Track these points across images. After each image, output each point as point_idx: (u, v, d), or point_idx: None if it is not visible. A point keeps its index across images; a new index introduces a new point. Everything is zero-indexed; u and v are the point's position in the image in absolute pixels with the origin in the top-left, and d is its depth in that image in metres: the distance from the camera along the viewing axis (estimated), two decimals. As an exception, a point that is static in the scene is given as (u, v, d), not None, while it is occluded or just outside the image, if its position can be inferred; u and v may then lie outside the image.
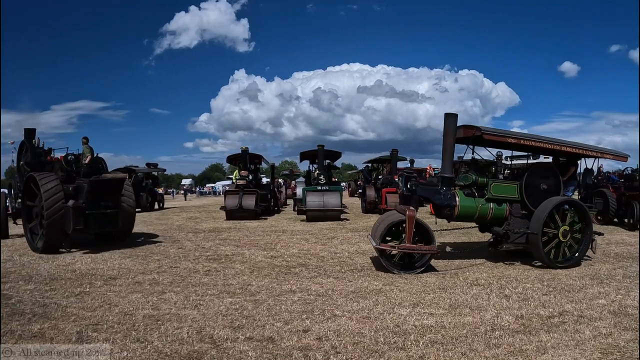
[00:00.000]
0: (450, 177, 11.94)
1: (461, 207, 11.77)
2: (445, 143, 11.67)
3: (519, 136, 12.32)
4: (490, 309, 7.95)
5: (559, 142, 12.75)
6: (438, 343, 6.35)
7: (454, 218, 12.15)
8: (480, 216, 12.05)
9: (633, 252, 13.97)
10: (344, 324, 7.03)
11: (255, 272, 10.60)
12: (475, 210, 11.86)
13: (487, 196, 11.96)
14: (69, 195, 13.32)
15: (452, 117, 11.65)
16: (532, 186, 12.07)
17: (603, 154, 13.39)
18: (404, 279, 10.06)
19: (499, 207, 11.99)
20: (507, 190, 12.11)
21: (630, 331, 6.99)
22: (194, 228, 20.10)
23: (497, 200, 11.99)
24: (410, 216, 10.62)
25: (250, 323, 6.99)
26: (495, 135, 11.87)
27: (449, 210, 11.82)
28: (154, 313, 7.41)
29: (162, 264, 11.43)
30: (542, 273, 10.86)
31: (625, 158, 13.85)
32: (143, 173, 35.05)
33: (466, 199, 11.88)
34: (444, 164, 11.96)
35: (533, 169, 12.43)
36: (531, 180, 12.11)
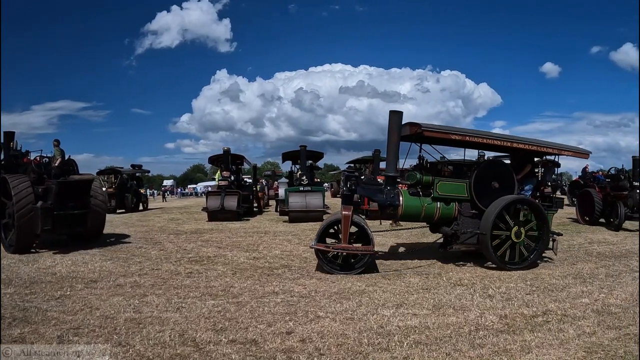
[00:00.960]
0: (394, 176, 11.82)
1: (405, 207, 11.66)
2: (389, 141, 11.58)
3: (464, 133, 12.05)
4: (474, 309, 7.98)
5: (509, 138, 12.50)
6: (422, 344, 6.36)
7: (399, 218, 12.06)
8: (427, 216, 11.95)
9: (615, 251, 14.14)
10: (327, 325, 7.03)
11: (237, 273, 10.57)
12: (421, 209, 11.74)
13: (433, 195, 11.79)
14: (39, 196, 13.34)
15: (397, 115, 11.53)
16: (482, 184, 11.88)
17: (561, 150, 13.13)
18: (387, 279, 10.09)
19: (447, 206, 11.86)
20: (455, 189, 11.94)
21: (614, 330, 7.05)
22: (175, 229, 20.00)
23: (445, 199, 11.83)
24: (345, 216, 10.56)
25: (233, 325, 6.96)
26: (437, 132, 11.65)
27: (392, 209, 11.66)
28: (135, 316, 7.36)
29: (144, 266, 11.36)
30: (525, 273, 10.93)
31: (587, 155, 13.71)
32: (127, 174, 34.99)
33: (411, 198, 11.78)
34: (389, 162, 11.87)
35: (482, 167, 12.28)
36: (481, 178, 11.92)
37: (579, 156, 13.61)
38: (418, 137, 11.91)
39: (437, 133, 11.62)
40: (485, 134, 12.39)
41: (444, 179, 12.06)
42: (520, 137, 12.88)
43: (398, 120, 11.53)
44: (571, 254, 13.69)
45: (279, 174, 38.54)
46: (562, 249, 14.39)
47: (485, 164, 12.56)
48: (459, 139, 11.91)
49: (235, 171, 28.10)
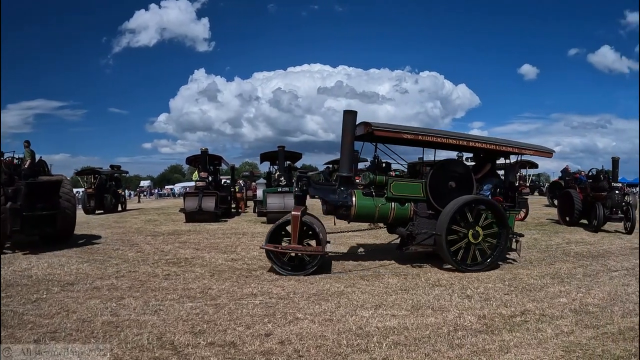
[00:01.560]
0: (348, 176, 11.74)
1: (358, 207, 11.58)
2: (343, 141, 11.52)
3: (416, 132, 11.88)
4: (452, 309, 8.01)
5: (465, 137, 12.37)
6: (401, 344, 6.37)
7: (352, 218, 11.91)
8: (381, 216, 11.86)
9: (592, 251, 14.31)
10: (306, 327, 7.01)
11: (215, 275, 10.51)
12: (374, 210, 11.64)
13: (387, 195, 11.69)
14: (9, 197, 13.24)
15: (351, 115, 11.49)
16: (439, 184, 11.78)
17: (522, 149, 12.92)
18: (365, 280, 10.09)
19: (402, 206, 11.77)
20: (411, 189, 11.83)
21: (592, 329, 7.13)
22: (152, 231, 19.88)
23: (400, 199, 11.74)
24: (294, 217, 10.55)
25: (212, 328, 6.92)
26: (388, 131, 11.49)
27: (344, 210, 11.64)
28: (112, 319, 7.28)
29: (121, 268, 11.26)
30: (504, 273, 11.00)
31: (550, 154, 13.44)
32: (106, 175, 34.84)
33: (364, 198, 11.68)
34: (342, 162, 11.82)
35: (439, 166, 12.16)
36: (437, 178, 11.82)
37: (542, 155, 13.43)
38: (372, 137, 11.79)
39: (388, 132, 11.48)
40: (439, 132, 12.23)
41: (398, 179, 12.05)
42: (480, 136, 12.91)
43: (352, 120, 11.48)
44: (549, 254, 13.79)
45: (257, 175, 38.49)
46: (540, 249, 14.59)
47: (442, 164, 12.39)
48: (412, 138, 11.76)
49: (213, 172, 27.99)
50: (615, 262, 12.60)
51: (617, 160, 20.44)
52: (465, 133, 12.74)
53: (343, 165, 11.82)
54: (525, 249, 14.46)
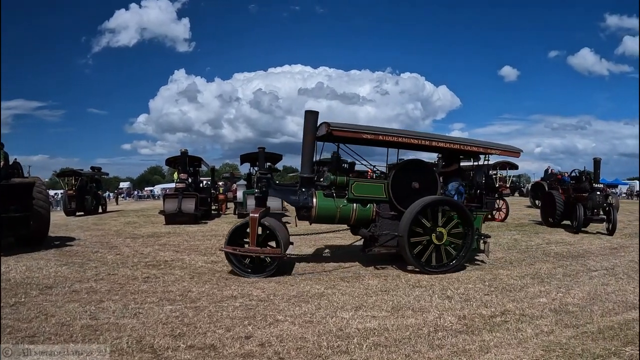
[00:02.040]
0: (309, 177, 11.70)
1: (319, 208, 11.54)
2: (304, 141, 11.48)
3: (376, 132, 11.66)
4: (432, 310, 8.02)
5: (428, 137, 12.17)
6: (381, 345, 6.36)
7: (313, 220, 11.85)
8: (342, 218, 11.78)
9: (572, 252, 14.45)
10: (286, 329, 6.99)
11: (195, 278, 10.46)
12: (335, 211, 11.58)
13: (348, 196, 11.61)
14: None
15: (312, 115, 11.42)
16: (401, 185, 11.66)
17: (487, 149, 12.78)
18: (345, 282, 10.09)
19: (364, 207, 11.71)
20: (372, 190, 11.75)
21: (572, 328, 7.18)
22: (132, 233, 19.74)
23: (362, 200, 11.68)
24: (252, 218, 10.52)
25: (191, 331, 6.86)
26: (347, 131, 11.34)
27: (305, 211, 11.60)
28: (92, 323, 7.21)
29: (100, 271, 11.16)
30: (484, 274, 11.05)
31: (517, 153, 13.29)
32: (87, 176, 34.67)
33: (325, 199, 11.63)
34: (303, 163, 11.70)
35: (401, 167, 12.03)
36: (399, 178, 11.70)
37: (509, 155, 13.41)
38: (334, 137, 11.67)
39: (347, 132, 11.34)
40: (401, 132, 12.04)
41: (360, 180, 11.95)
42: (445, 135, 12.74)
43: (313, 120, 11.42)
44: (529, 255, 13.88)
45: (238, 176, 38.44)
46: (520, 250, 14.68)
47: (404, 164, 12.28)
48: (372, 138, 11.59)
49: (192, 173, 27.88)
50: (594, 262, 12.68)
51: (599, 161, 20.24)
52: (430, 133, 12.67)
53: (304, 166, 11.72)
54: (505, 250, 14.63)
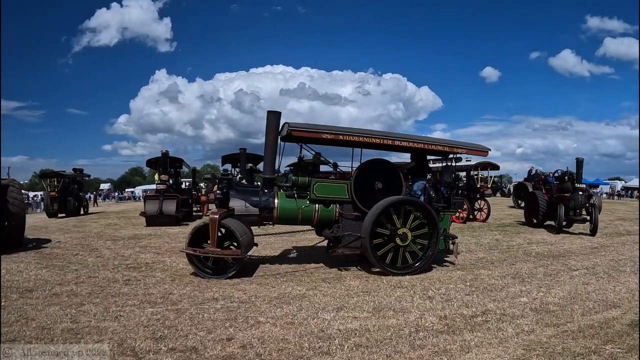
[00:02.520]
0: (271, 178, 11.72)
1: (280, 209, 11.54)
2: (266, 142, 11.48)
3: (336, 131, 11.55)
4: (414, 310, 8.06)
5: (391, 136, 12.06)
6: (363, 346, 6.39)
7: (275, 221, 11.83)
8: (305, 219, 11.75)
9: (553, 251, 14.55)
10: (268, 330, 6.99)
11: (176, 280, 10.41)
12: (297, 212, 11.56)
13: (310, 197, 11.58)
14: None
15: (274, 115, 11.41)
16: (364, 185, 11.60)
17: (453, 148, 12.72)
18: (327, 283, 10.11)
19: (327, 208, 11.67)
20: (335, 191, 11.69)
21: (552, 327, 7.26)
22: (112, 235, 19.59)
23: (324, 201, 11.64)
24: (212, 219, 10.44)
25: (173, 333, 6.85)
26: (305, 132, 11.28)
27: (267, 212, 11.58)
28: (72, 326, 7.16)
29: (80, 274, 11.08)
30: (465, 274, 11.09)
31: (485, 152, 13.21)
32: (69, 178, 34.49)
33: (286, 200, 11.63)
34: (266, 164, 11.72)
35: (363, 167, 11.90)
36: (362, 178, 11.62)
37: (476, 154, 13.29)
38: (296, 138, 11.60)
39: (305, 132, 11.27)
40: (362, 132, 11.85)
41: (322, 180, 11.94)
42: (409, 134, 12.65)
43: (275, 121, 11.41)
44: (510, 255, 13.95)
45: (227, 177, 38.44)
46: (501, 250, 14.75)
47: (367, 164, 12.08)
48: (332, 137, 11.44)
49: (174, 174, 27.73)
50: (575, 262, 12.78)
51: (582, 162, 20.26)
52: (396, 132, 12.51)
53: (266, 167, 11.74)
54: (486, 250, 14.69)
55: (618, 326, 7.38)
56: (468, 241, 16.94)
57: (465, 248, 15.12)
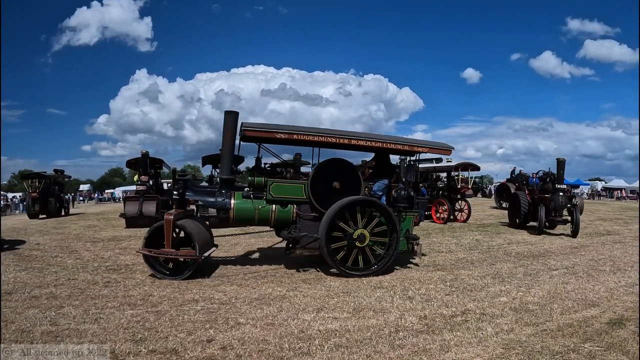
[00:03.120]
0: (228, 179, 11.65)
1: (236, 210, 11.47)
2: (223, 142, 11.43)
3: (290, 131, 11.51)
4: (394, 310, 8.10)
5: (347, 135, 11.86)
6: (343, 347, 6.41)
7: (232, 221, 11.76)
8: (261, 219, 11.64)
9: (533, 251, 14.68)
10: (248, 331, 6.99)
11: (156, 282, 10.34)
12: (254, 212, 11.47)
13: (266, 197, 11.47)
14: None
15: (231, 115, 11.34)
16: (321, 185, 11.45)
17: (414, 147, 12.43)
18: (307, 284, 10.14)
19: (284, 209, 11.57)
20: (292, 191, 11.56)
21: (531, 326, 7.33)
22: (92, 237, 19.44)
23: (281, 201, 11.55)
24: (166, 220, 10.47)
25: (153, 335, 6.82)
26: (259, 131, 11.25)
27: (224, 213, 11.53)
28: (52, 329, 7.11)
29: (60, 276, 11.00)
30: (445, 274, 11.14)
31: (448, 151, 12.95)
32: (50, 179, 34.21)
33: (243, 201, 11.55)
34: (223, 164, 11.66)
35: (320, 166, 11.77)
36: (320, 178, 11.48)
37: (438, 152, 13.29)
38: (253, 138, 11.59)
39: (259, 132, 11.24)
40: (317, 131, 11.84)
41: (279, 180, 11.84)
42: (368, 133, 12.52)
43: (232, 121, 11.34)
44: (490, 255, 14.03)
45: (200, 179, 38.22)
46: (481, 250, 14.82)
47: (325, 163, 11.84)
48: (286, 137, 11.41)
49: (154, 175, 27.56)
50: (555, 261, 12.88)
51: (563, 162, 20.02)
52: (352, 131, 12.24)
53: (223, 168, 11.66)
54: (467, 250, 14.76)
55: (597, 325, 7.46)
56: (448, 242, 17.03)
57: (446, 249, 15.21)
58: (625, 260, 13.46)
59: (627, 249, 15.88)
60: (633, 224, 25.09)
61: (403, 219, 12.00)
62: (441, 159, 28.31)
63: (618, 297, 9.27)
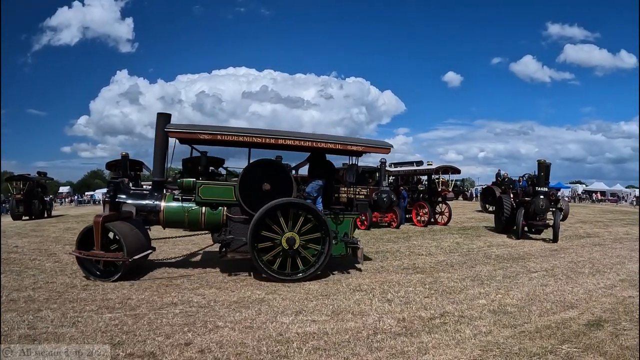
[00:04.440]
0: (159, 181, 11.68)
1: (166, 212, 11.49)
2: (155, 144, 11.45)
3: (214, 131, 11.27)
4: (372, 313, 8.12)
5: (274, 135, 11.49)
6: (321, 349, 6.42)
7: (163, 224, 11.80)
8: (191, 222, 11.61)
9: (513, 254, 14.77)
10: (226, 334, 6.98)
11: (135, 285, 10.29)
12: (183, 215, 11.46)
13: (196, 199, 11.38)
14: None
15: (162, 117, 11.38)
16: (250, 187, 11.20)
17: (348, 145, 11.80)
18: (286, 287, 10.13)
19: (214, 211, 11.47)
20: (222, 193, 11.42)
21: (509, 328, 7.39)
22: (71, 240, 19.12)
23: (211, 203, 11.49)
24: (95, 222, 10.45)
25: (131, 339, 6.79)
26: (182, 133, 11.15)
27: (154, 215, 11.57)
28: (30, 333, 7.05)
29: (38, 279, 10.91)
30: (425, 277, 11.19)
31: (387, 150, 12.28)
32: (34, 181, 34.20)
33: (173, 203, 11.56)
34: (154, 166, 11.65)
35: (249, 167, 11.53)
36: (249, 180, 11.24)
37: (375, 151, 12.54)
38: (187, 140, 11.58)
39: (181, 134, 11.16)
40: (241, 131, 11.56)
41: (208, 182, 11.69)
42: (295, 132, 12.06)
43: (164, 123, 11.28)
44: (470, 257, 14.08)
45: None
46: (461, 253, 14.88)
47: (254, 164, 11.66)
48: (209, 138, 11.17)
49: (134, 178, 27.43)
50: (534, 264, 12.97)
51: (544, 164, 19.63)
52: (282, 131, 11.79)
53: (155, 170, 11.66)
54: (446, 253, 14.82)
55: (575, 326, 7.53)
56: (429, 244, 17.10)
57: (426, 251, 15.26)
58: (604, 262, 13.58)
59: (606, 251, 16.02)
60: (613, 226, 25.31)
61: (340, 221, 11.76)
62: (421, 161, 28.38)
63: (596, 299, 9.36)
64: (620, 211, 41.30)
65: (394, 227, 23.20)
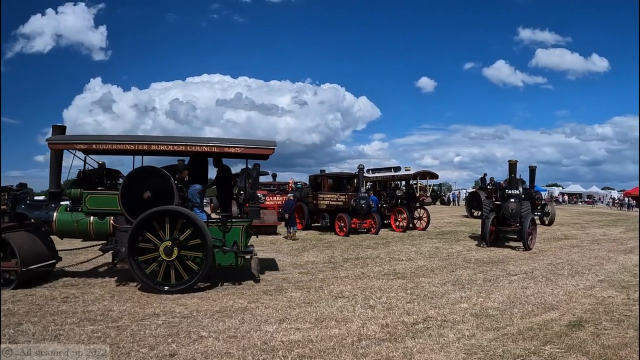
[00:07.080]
0: (54, 192, 11.72)
1: (57, 223, 11.51)
2: (51, 156, 11.57)
3: (89, 140, 11.27)
4: (356, 320, 8.13)
5: (145, 140, 11.58)
6: (306, 357, 6.44)
7: (58, 234, 11.76)
8: (82, 232, 11.63)
9: (492, 257, 14.86)
10: (210, 345, 6.95)
11: (116, 296, 10.21)
12: (73, 225, 11.45)
13: (83, 209, 11.21)
14: None
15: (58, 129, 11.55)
16: (132, 195, 10.94)
17: (224, 148, 11.41)
18: (269, 295, 10.11)
19: (101, 221, 11.51)
20: (107, 202, 11.18)
21: (492, 331, 7.45)
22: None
23: (98, 213, 11.38)
24: None
25: (115, 351, 6.71)
26: (59, 144, 11.21)
27: (47, 226, 11.50)
28: (11, 347, 6.98)
29: (17, 292, 10.70)
30: (406, 282, 11.20)
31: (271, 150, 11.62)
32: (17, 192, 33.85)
33: (64, 214, 11.54)
34: (50, 178, 11.73)
35: (130, 175, 11.26)
36: (130, 188, 11.02)
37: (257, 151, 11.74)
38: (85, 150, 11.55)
39: (59, 145, 11.19)
40: (114, 139, 11.61)
41: (94, 192, 11.45)
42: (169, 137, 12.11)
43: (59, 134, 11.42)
44: (450, 262, 14.12)
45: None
46: (441, 257, 14.92)
47: (135, 172, 11.33)
48: (85, 147, 11.19)
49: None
50: (514, 267, 13.06)
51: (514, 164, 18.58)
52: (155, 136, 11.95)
53: (51, 180, 11.74)
54: (426, 258, 14.84)
55: (556, 327, 7.60)
56: (408, 250, 17.12)
57: (406, 257, 15.29)
58: (582, 263, 13.71)
59: (584, 252, 16.17)
60: (590, 228, 25.59)
61: (228, 229, 11.28)
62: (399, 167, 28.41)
63: (577, 300, 9.45)
64: (597, 212, 41.68)
65: (373, 232, 23.16)
